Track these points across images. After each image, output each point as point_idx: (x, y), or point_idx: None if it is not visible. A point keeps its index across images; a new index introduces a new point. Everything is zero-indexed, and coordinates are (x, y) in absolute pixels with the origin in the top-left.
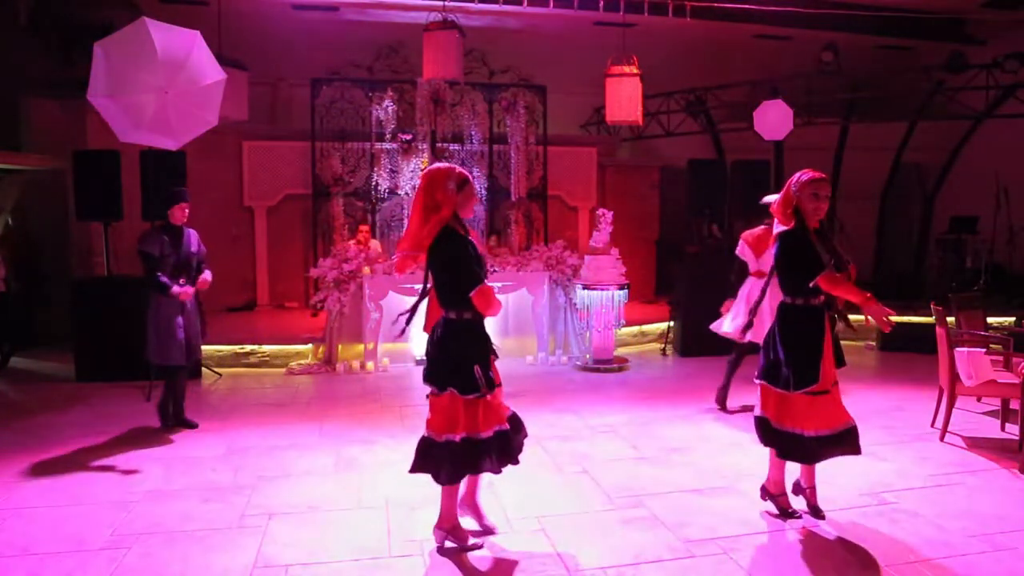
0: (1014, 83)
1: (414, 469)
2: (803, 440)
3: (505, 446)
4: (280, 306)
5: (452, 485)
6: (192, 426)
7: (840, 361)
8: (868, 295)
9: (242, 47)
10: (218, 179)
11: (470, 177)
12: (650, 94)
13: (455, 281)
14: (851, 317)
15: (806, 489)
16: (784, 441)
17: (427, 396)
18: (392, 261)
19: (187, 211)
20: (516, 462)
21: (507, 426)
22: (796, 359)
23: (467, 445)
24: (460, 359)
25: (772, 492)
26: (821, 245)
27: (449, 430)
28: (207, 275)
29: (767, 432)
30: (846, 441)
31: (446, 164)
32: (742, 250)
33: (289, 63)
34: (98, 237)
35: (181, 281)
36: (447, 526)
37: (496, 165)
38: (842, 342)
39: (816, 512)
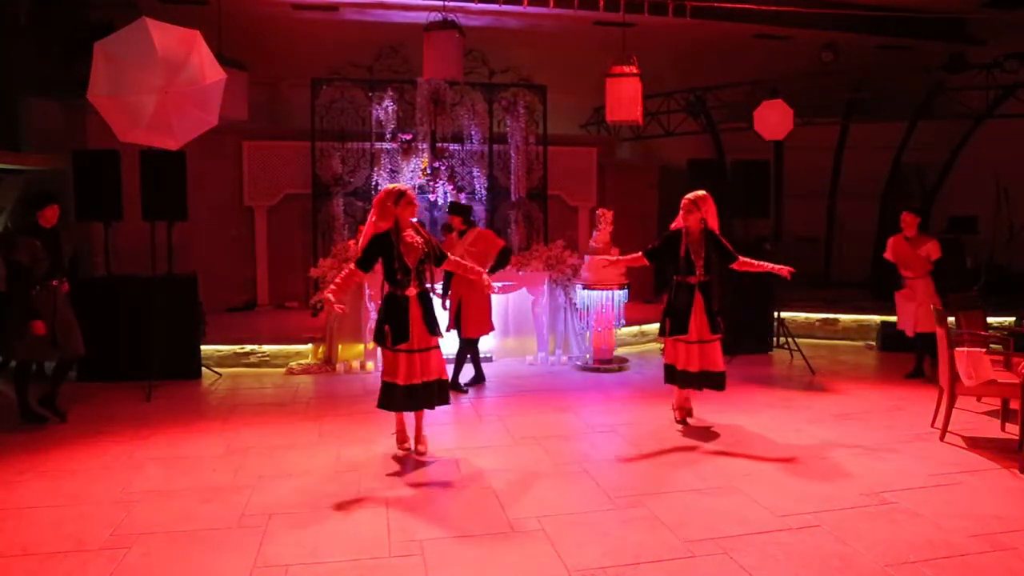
0: (1014, 83)
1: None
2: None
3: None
4: (280, 306)
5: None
6: (61, 415)
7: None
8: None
9: (242, 47)
10: (218, 179)
11: (406, 190)
12: (650, 94)
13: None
14: None
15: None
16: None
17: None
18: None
19: (57, 212)
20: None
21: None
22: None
23: (384, 387)
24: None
25: (675, 407)
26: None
27: (386, 375)
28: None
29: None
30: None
31: (390, 186)
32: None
33: (289, 63)
34: (98, 237)
35: (53, 283)
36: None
37: (496, 165)
38: (843, 342)
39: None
